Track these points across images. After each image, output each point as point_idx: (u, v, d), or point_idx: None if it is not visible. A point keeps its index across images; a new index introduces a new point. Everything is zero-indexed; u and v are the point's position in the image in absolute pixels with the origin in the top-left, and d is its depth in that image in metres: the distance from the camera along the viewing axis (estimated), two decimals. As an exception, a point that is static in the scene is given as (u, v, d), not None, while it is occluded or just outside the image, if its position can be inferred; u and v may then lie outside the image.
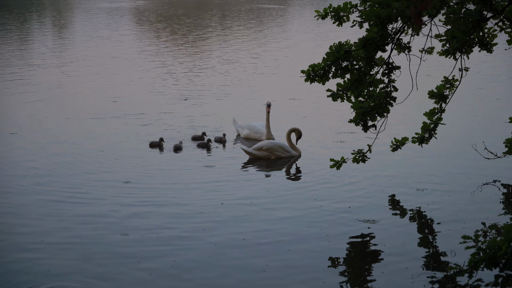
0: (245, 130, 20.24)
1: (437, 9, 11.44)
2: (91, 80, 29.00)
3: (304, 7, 74.18)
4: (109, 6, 72.55)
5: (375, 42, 11.05)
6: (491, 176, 15.85)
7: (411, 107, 22.52)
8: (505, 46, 13.20)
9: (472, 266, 7.48)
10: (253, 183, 15.64)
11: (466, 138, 19.13)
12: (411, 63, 12.17)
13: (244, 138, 20.14)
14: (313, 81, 11.35)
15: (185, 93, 25.96)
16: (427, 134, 13.29)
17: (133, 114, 22.40)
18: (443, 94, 13.01)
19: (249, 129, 20.19)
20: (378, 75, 11.57)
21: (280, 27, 53.10)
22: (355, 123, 11.79)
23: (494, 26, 12.39)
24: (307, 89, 25.80)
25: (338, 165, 12.66)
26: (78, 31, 48.80)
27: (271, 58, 36.00)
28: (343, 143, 18.99)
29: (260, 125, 20.18)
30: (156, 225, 13.02)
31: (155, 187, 15.18)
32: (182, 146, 18.45)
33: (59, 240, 12.34)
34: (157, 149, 18.41)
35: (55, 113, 22.53)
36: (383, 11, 10.78)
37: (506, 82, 28.68)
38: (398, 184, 15.45)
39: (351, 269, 11.31)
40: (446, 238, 12.49)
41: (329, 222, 13.20)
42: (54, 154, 17.68)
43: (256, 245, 12.16)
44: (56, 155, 17.55)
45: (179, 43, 41.93)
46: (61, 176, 15.89)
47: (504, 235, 7.38)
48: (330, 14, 11.40)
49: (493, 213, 13.65)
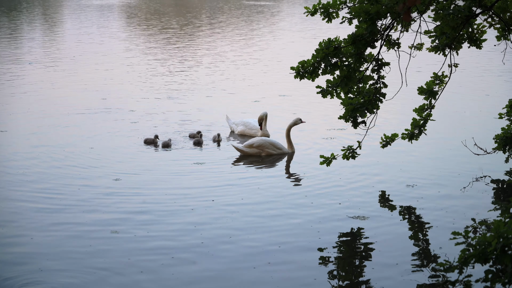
0: (240, 126, 20.24)
1: (426, 5, 11.45)
2: (81, 77, 28.91)
3: (294, 4, 74.16)
4: (99, 3, 72.36)
5: (365, 38, 11.06)
6: (480, 172, 15.87)
7: (401, 104, 22.55)
8: (494, 42, 13.21)
9: (462, 262, 7.49)
10: (244, 180, 15.62)
11: (455, 134, 19.16)
12: (401, 59, 12.17)
13: (238, 135, 20.14)
14: (302, 78, 11.35)
15: (175, 89, 25.90)
16: (416, 130, 13.31)
17: (123, 111, 22.36)
18: (433, 90, 13.03)
19: (243, 125, 20.19)
20: (368, 71, 11.59)
21: (270, 24, 53.07)
22: (345, 120, 11.81)
23: (483, 22, 12.41)
24: (297, 85, 25.79)
25: (328, 162, 12.67)
26: (68, 28, 48.66)
27: (261, 54, 35.97)
28: (333, 139, 18.99)
29: (254, 121, 20.19)
30: (146, 222, 12.99)
31: (145, 185, 15.15)
32: (170, 143, 18.41)
33: (48, 235, 12.30)
34: (151, 146, 18.37)
35: (44, 110, 22.45)
36: (372, 7, 10.78)
37: (495, 78, 28.74)
38: (388, 181, 15.46)
39: (342, 265, 11.31)
40: (437, 234, 12.51)
41: (320, 219, 13.20)
42: (43, 151, 17.62)
43: (246, 241, 12.15)
44: (45, 152, 17.48)
45: (168, 40, 41.85)
46: (51, 174, 15.83)
47: (493, 230, 7.39)
48: (320, 11, 11.40)
49: (483, 209, 13.67)
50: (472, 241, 7.52)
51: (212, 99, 24.52)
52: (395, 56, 11.80)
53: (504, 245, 7.32)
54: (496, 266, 7.48)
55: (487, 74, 29.55)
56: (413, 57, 12.50)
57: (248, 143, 17.87)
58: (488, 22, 12.43)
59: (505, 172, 15.87)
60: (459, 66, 13.30)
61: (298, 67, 11.28)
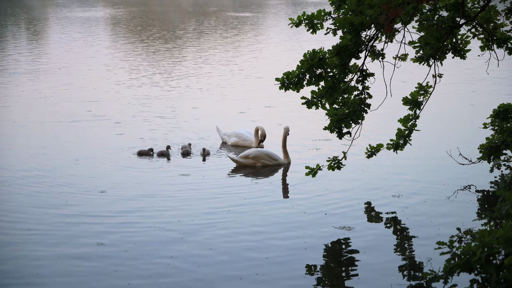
0: (233, 137, 20.24)
1: (410, 16, 11.51)
2: (66, 88, 28.84)
3: (279, 15, 74.28)
4: (85, 16, 72.27)
5: (349, 49, 11.09)
6: (465, 182, 15.93)
7: (386, 114, 22.61)
8: (478, 52, 13.28)
9: (447, 272, 7.51)
10: (232, 191, 15.60)
11: (440, 144, 19.22)
12: (385, 70, 12.22)
13: (232, 146, 20.13)
14: (287, 89, 11.37)
15: (159, 101, 25.89)
16: (401, 141, 13.37)
17: (108, 122, 22.33)
18: (417, 101, 13.09)
19: (236, 136, 20.21)
20: (352, 82, 11.62)
21: (256, 35, 53.13)
22: (330, 130, 11.83)
23: (467, 32, 12.47)
24: (282, 96, 25.82)
25: (313, 173, 12.70)
26: (54, 40, 48.56)
27: (247, 66, 36.00)
28: (318, 150, 19.02)
29: (247, 132, 20.24)
30: (133, 233, 12.97)
31: (132, 196, 15.13)
32: (167, 153, 18.50)
33: (33, 250, 12.27)
34: (145, 158, 18.40)
35: (30, 120, 22.39)
36: (356, 18, 10.83)
37: (479, 88, 28.86)
38: (373, 191, 15.49)
39: (328, 275, 11.32)
40: (422, 244, 12.53)
41: (306, 229, 13.21)
42: (29, 161, 17.57)
43: (232, 253, 12.15)
44: (30, 163, 17.43)
45: (153, 53, 41.82)
46: (35, 183, 15.79)
47: (478, 240, 7.42)
48: (304, 22, 11.44)
49: (468, 219, 13.72)
50: (457, 251, 7.55)
51: (197, 110, 24.50)
52: (380, 67, 11.84)
53: (488, 255, 7.35)
54: (481, 275, 7.51)
55: (472, 84, 29.67)
56: (398, 67, 12.55)
57: (244, 154, 17.87)
58: (472, 33, 12.50)
59: (490, 182, 15.93)
60: (443, 76, 13.36)
61: (283, 78, 11.30)
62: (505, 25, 12.35)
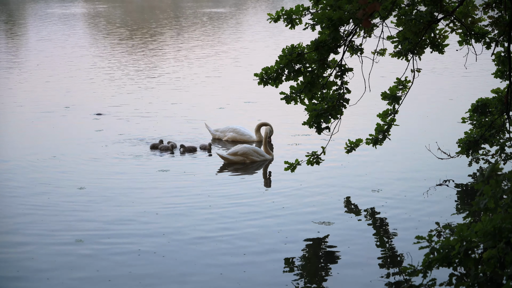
0: (229, 133, 19.99)
1: (388, 11, 11.52)
2: (44, 84, 28.71)
3: (257, 11, 74.24)
4: (63, 12, 71.92)
5: (328, 44, 11.08)
6: (444, 176, 15.98)
7: (364, 109, 22.65)
8: (456, 46, 13.33)
9: (426, 266, 7.54)
10: (211, 187, 15.58)
11: (419, 139, 19.28)
12: (364, 65, 12.23)
13: (229, 142, 19.89)
14: (266, 84, 11.35)
15: (139, 98, 25.82)
16: (380, 135, 13.40)
17: (87, 118, 22.25)
18: (396, 95, 13.13)
19: (234, 132, 19.96)
20: (331, 77, 11.62)
21: (234, 31, 53.07)
22: (309, 126, 11.82)
23: (445, 27, 12.51)
24: (261, 92, 25.81)
25: (292, 168, 12.68)
26: (32, 36, 48.28)
27: (225, 62, 35.96)
28: (298, 145, 19.03)
29: (242, 127, 20.09)
30: (113, 230, 12.94)
31: (112, 193, 15.08)
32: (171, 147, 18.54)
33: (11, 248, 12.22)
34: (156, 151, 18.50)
35: (7, 117, 22.28)
36: (335, 13, 10.82)
37: (458, 82, 28.97)
38: (353, 186, 15.51)
39: (307, 270, 11.32)
40: (401, 238, 12.57)
41: (285, 224, 13.21)
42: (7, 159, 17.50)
43: (211, 246, 12.13)
44: (8, 161, 17.36)
45: (132, 48, 41.70)
46: (13, 180, 15.73)
47: (457, 234, 7.45)
48: (283, 17, 11.42)
49: (447, 213, 13.77)
50: (436, 245, 7.57)
51: (176, 106, 24.44)
52: (358, 62, 11.85)
53: (467, 249, 7.38)
54: (460, 269, 7.53)
55: (450, 79, 29.78)
56: (376, 62, 12.58)
57: (232, 151, 17.74)
58: (450, 27, 12.53)
59: (469, 176, 16.00)
60: (422, 71, 13.39)
61: (262, 74, 11.28)
62: (483, 19, 12.39)
